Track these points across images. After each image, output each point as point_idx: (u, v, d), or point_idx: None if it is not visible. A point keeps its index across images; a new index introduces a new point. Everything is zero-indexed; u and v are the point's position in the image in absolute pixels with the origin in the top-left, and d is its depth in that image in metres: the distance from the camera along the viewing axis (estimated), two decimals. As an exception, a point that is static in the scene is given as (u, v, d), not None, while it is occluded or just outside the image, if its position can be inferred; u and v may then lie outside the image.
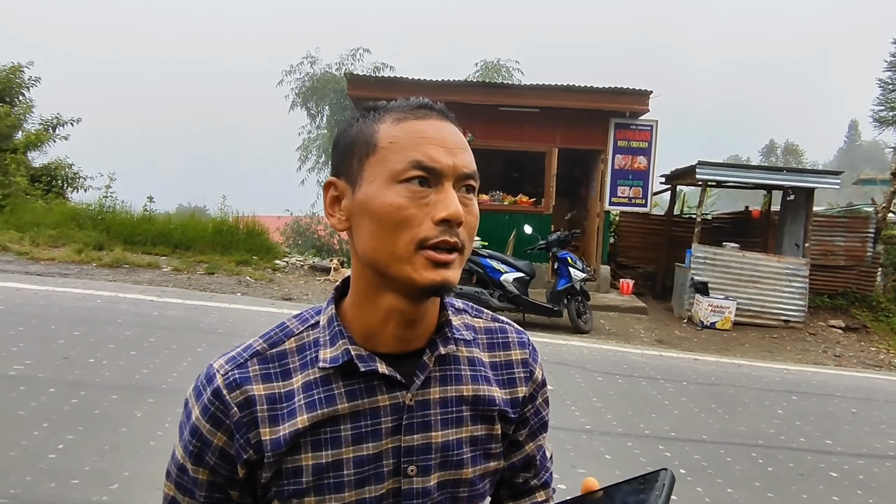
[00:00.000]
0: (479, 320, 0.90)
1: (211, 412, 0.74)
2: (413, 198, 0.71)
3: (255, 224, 10.50)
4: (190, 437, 0.75)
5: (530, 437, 0.90)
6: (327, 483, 0.74)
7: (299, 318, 0.82)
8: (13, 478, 2.89)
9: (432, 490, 0.78)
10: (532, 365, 0.89)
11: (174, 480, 0.77)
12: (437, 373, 0.80)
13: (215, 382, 0.75)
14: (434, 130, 0.73)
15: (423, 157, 0.71)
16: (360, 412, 0.75)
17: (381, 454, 0.76)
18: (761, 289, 9.02)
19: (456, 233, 0.71)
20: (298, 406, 0.74)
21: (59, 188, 11.79)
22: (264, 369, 0.76)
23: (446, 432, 0.79)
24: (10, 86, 11.55)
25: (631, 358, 6.33)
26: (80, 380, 4.07)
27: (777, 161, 49.90)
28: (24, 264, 7.63)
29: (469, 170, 0.74)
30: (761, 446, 4.22)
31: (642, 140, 9.72)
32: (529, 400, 0.88)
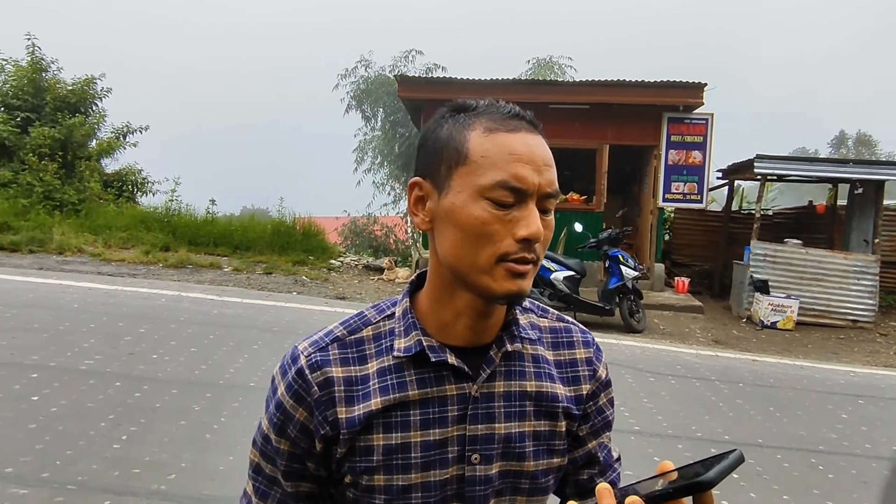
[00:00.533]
0: (545, 320, 0.93)
1: (294, 389, 0.80)
2: (498, 215, 0.74)
3: (312, 225, 10.79)
4: (275, 411, 0.82)
5: (593, 435, 0.92)
6: (396, 463, 0.79)
7: (377, 308, 0.87)
8: (81, 466, 3.09)
9: (494, 478, 0.82)
10: (595, 364, 0.92)
11: (259, 448, 0.85)
12: (502, 368, 0.84)
13: (299, 363, 0.81)
14: (524, 147, 0.75)
15: (511, 178, 0.73)
16: (429, 399, 0.80)
17: (447, 441, 0.80)
18: (826, 287, 8.59)
19: (533, 248, 0.75)
20: (373, 389, 0.80)
21: (130, 192, 12.46)
22: (343, 354, 0.82)
23: (509, 425, 0.83)
24: (85, 97, 12.27)
25: (685, 358, 6.17)
26: (143, 375, 4.30)
27: (848, 153, 47.32)
28: (97, 265, 8.12)
29: (552, 189, 0.76)
30: (822, 452, 4.04)
31: (697, 134, 9.42)
32: (592, 397, 0.91)
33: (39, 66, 11.88)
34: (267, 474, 0.84)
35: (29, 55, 11.85)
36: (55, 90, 11.78)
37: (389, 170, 17.79)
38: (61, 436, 3.39)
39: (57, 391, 3.94)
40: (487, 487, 0.82)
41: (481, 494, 0.82)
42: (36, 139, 10.76)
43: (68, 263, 8.03)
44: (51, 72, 12.13)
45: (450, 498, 0.81)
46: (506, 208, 0.74)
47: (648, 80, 9.18)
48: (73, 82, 12.22)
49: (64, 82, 12.14)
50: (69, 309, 5.73)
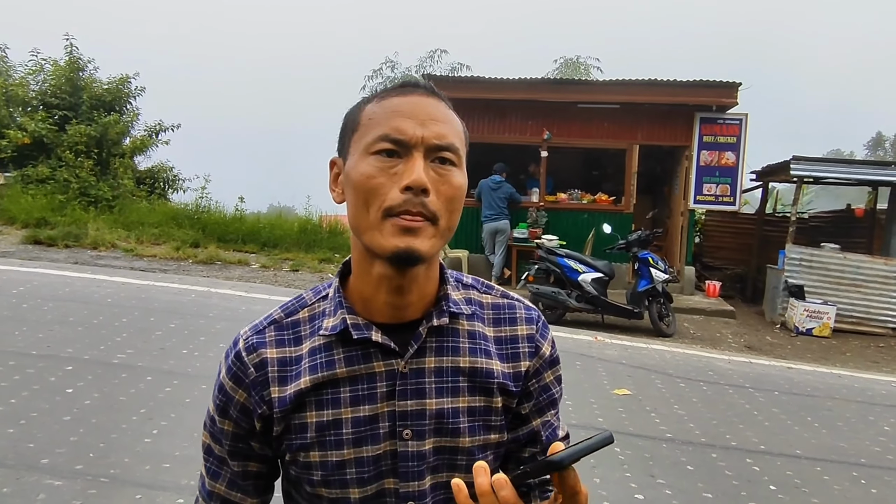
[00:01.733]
0: (488, 296, 0.92)
1: (234, 372, 0.83)
2: (382, 168, 0.75)
3: (338, 223, 10.84)
4: (217, 393, 0.85)
5: (537, 413, 0.92)
6: (328, 440, 0.81)
7: (314, 290, 0.89)
8: (113, 458, 3.12)
9: (427, 454, 0.83)
10: (539, 341, 0.91)
11: (208, 430, 0.88)
12: (433, 343, 0.84)
13: (238, 346, 0.84)
14: (408, 104, 0.78)
15: (390, 130, 0.76)
16: (357, 376, 0.82)
17: (377, 416, 0.81)
18: (865, 293, 8.33)
19: (422, 201, 0.74)
20: (304, 368, 0.82)
21: (162, 189, 12.68)
22: (279, 335, 0.84)
23: (441, 400, 0.83)
24: (119, 95, 12.51)
25: (717, 364, 6.02)
26: (173, 369, 4.34)
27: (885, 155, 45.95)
28: (129, 260, 8.26)
29: (442, 141, 0.77)
30: (864, 465, 3.89)
31: (730, 135, 9.21)
32: (534, 375, 0.90)
33: (77, 66, 12.14)
34: (216, 455, 0.87)
35: (67, 54, 12.12)
36: (91, 89, 12.03)
37: (416, 169, 17.85)
38: (94, 428, 3.43)
39: (91, 384, 4.00)
40: (422, 463, 0.83)
41: (415, 470, 0.83)
42: (72, 137, 11.00)
43: (102, 258, 8.19)
44: (87, 71, 12.39)
45: (385, 473, 0.82)
46: (389, 158, 0.75)
47: (680, 80, 9.01)
48: (108, 81, 12.47)
49: (100, 81, 12.39)
50: (103, 303, 5.83)
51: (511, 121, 9.52)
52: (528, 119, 9.43)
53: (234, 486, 0.87)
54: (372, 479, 0.82)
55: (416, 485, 0.83)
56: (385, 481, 0.83)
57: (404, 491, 0.83)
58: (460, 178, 0.79)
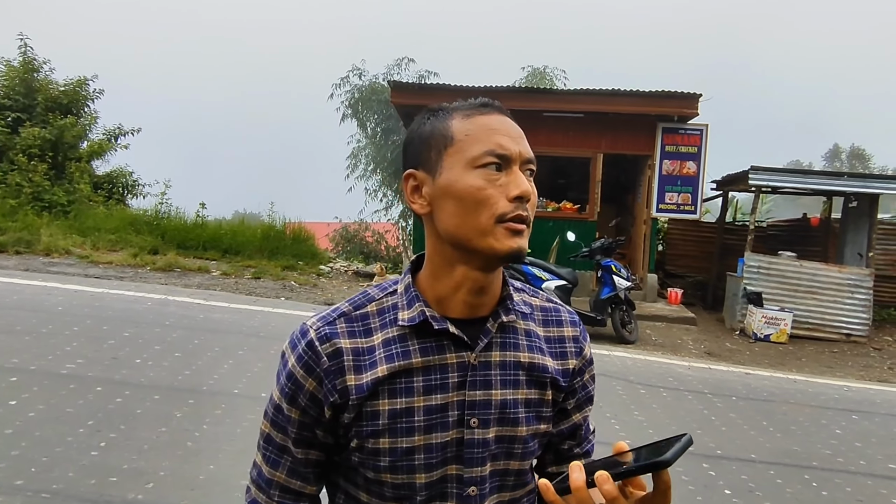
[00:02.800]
0: (536, 299, 1.01)
1: (305, 360, 0.86)
2: (489, 180, 0.83)
3: (302, 230, 10.70)
4: (286, 381, 0.88)
5: (577, 409, 1.00)
6: (400, 426, 0.86)
7: (379, 287, 0.95)
8: (57, 473, 2.99)
9: (490, 442, 0.89)
10: (582, 342, 1.00)
11: (270, 419, 0.90)
12: (498, 339, 0.91)
13: (309, 336, 0.87)
14: (499, 123, 0.86)
15: (495, 146, 0.83)
16: (431, 367, 0.87)
17: (448, 405, 0.87)
18: (821, 300, 8.57)
19: (525, 207, 0.84)
20: (379, 358, 0.86)
21: (120, 195, 12.35)
22: (350, 327, 0.89)
23: (504, 392, 0.89)
24: (77, 98, 12.18)
25: (677, 370, 6.11)
26: (126, 379, 4.20)
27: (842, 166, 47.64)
28: (84, 267, 8.00)
29: (530, 155, 0.87)
30: (816, 468, 3.98)
31: (691, 145, 9.42)
32: (578, 373, 0.99)
33: (31, 67, 11.79)
34: (277, 443, 0.90)
35: (21, 55, 11.76)
36: (47, 91, 11.69)
37: (381, 177, 17.74)
38: (38, 442, 3.29)
39: (36, 395, 3.84)
40: (484, 450, 0.88)
41: (479, 457, 0.88)
42: (26, 139, 10.66)
43: (55, 265, 7.92)
44: (43, 72, 12.04)
45: (450, 460, 0.88)
46: (496, 172, 0.83)
47: (643, 90, 9.18)
48: (65, 83, 12.14)
49: (56, 83, 12.06)
50: (53, 311, 5.62)
51: (477, 129, 9.55)
52: (494, 127, 9.47)
53: (294, 473, 0.90)
54: (438, 464, 0.87)
55: (479, 470, 0.89)
56: (449, 467, 0.88)
57: (468, 476, 0.88)
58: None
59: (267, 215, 11.11)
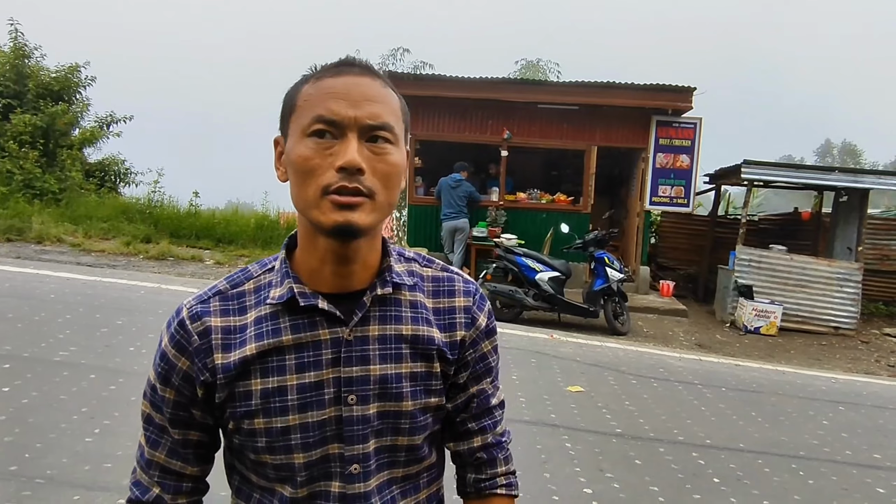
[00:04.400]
0: (428, 269, 0.96)
1: (176, 340, 0.85)
2: (317, 149, 0.78)
3: (296, 219, 10.67)
4: (159, 361, 0.86)
5: (474, 381, 0.97)
6: (273, 406, 0.83)
7: (260, 263, 0.92)
8: (51, 459, 3.00)
9: (371, 418, 0.86)
10: (476, 312, 0.95)
11: (149, 399, 0.89)
12: (377, 312, 0.88)
13: (181, 315, 0.86)
14: (342, 85, 0.80)
15: (324, 112, 0.78)
16: (303, 344, 0.84)
17: (323, 383, 0.84)
18: (810, 294, 8.66)
19: (357, 179, 0.77)
20: (249, 337, 0.84)
21: (112, 183, 12.26)
22: (224, 305, 0.87)
23: (384, 366, 0.86)
24: (69, 85, 12.05)
25: (668, 361, 6.17)
26: (119, 367, 4.21)
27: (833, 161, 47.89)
28: (76, 255, 7.97)
29: (376, 121, 0.79)
30: (803, 458, 4.04)
31: (685, 138, 9.45)
32: (471, 345, 0.95)
33: (22, 53, 11.65)
34: (157, 423, 0.88)
35: (11, 41, 11.62)
36: (38, 77, 11.56)
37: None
38: (31, 428, 3.29)
39: (29, 382, 3.84)
40: (366, 427, 0.86)
41: (359, 434, 0.86)
42: (17, 126, 10.55)
43: (47, 253, 7.88)
44: (34, 59, 11.90)
45: (329, 439, 0.85)
46: (324, 139, 0.78)
47: (637, 83, 9.19)
48: (56, 70, 12.00)
49: (47, 69, 11.92)
50: (45, 299, 5.60)
51: (472, 120, 9.55)
52: (488, 118, 9.48)
53: (174, 454, 0.89)
54: (316, 443, 0.85)
55: (361, 448, 0.86)
56: (330, 446, 0.86)
57: (349, 454, 0.86)
58: (396, 156, 0.82)
59: (261, 205, 11.08)
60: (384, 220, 0.85)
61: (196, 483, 0.92)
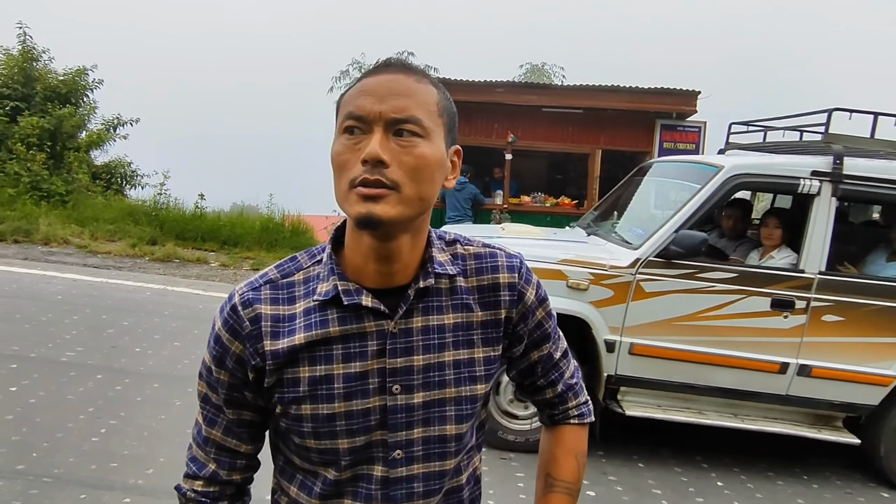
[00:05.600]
0: (470, 247, 0.97)
1: (230, 324, 0.88)
2: (348, 144, 0.81)
3: (301, 222, 10.71)
4: (214, 344, 0.90)
5: (533, 347, 1.02)
6: (320, 393, 0.87)
7: (308, 254, 0.95)
8: (57, 458, 3.04)
9: (416, 407, 0.89)
10: (522, 287, 0.96)
11: (205, 380, 0.93)
12: (420, 304, 0.90)
13: (234, 300, 0.89)
14: (374, 83, 0.83)
15: (353, 108, 0.81)
16: (349, 335, 0.87)
17: (368, 373, 0.87)
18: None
19: (380, 171, 0.79)
20: (298, 327, 0.87)
21: (118, 185, 12.32)
22: (274, 294, 0.90)
23: (427, 356, 0.89)
24: (76, 88, 12.11)
25: (672, 365, 6.16)
26: (125, 368, 4.24)
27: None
28: (82, 257, 8.02)
29: (401, 115, 0.81)
30: (806, 461, 4.03)
31: (690, 142, 9.45)
32: (521, 319, 0.97)
33: (30, 56, 11.72)
34: (213, 403, 0.92)
35: (20, 44, 11.71)
36: (46, 80, 11.63)
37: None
38: (39, 427, 3.33)
39: (36, 382, 3.88)
40: (410, 415, 0.89)
41: (403, 421, 0.89)
42: (24, 129, 10.61)
43: (53, 254, 7.93)
44: (42, 61, 11.98)
45: (373, 427, 0.88)
46: (353, 135, 0.81)
47: (642, 87, 9.20)
48: (64, 73, 12.07)
49: (55, 72, 11.99)
50: (52, 300, 5.65)
51: (476, 123, 9.58)
52: (493, 122, 9.50)
53: (229, 432, 0.93)
54: (360, 431, 0.88)
55: (404, 434, 0.89)
56: (374, 434, 0.89)
57: (393, 440, 0.89)
58: (425, 149, 0.82)
59: (266, 207, 11.11)
60: (417, 215, 0.85)
61: (249, 460, 0.97)
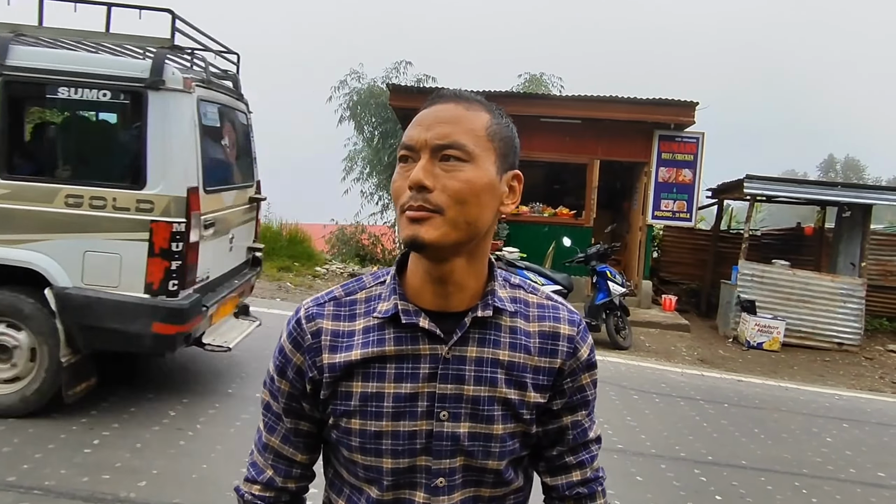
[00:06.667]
0: (534, 296, 0.98)
1: (294, 336, 0.93)
2: (401, 172, 0.86)
3: (298, 231, 10.70)
4: (278, 355, 0.95)
5: (569, 411, 0.98)
6: (370, 410, 0.89)
7: (374, 276, 0.98)
8: (49, 470, 3.00)
9: (461, 437, 0.89)
10: (579, 343, 0.96)
11: (268, 388, 0.97)
12: (476, 334, 0.90)
13: (299, 314, 0.94)
14: (426, 113, 0.87)
15: (406, 139, 0.86)
16: (404, 356, 0.89)
17: (417, 395, 0.88)
18: (813, 309, 8.62)
19: (423, 197, 0.82)
20: (357, 343, 0.90)
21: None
22: (336, 311, 0.93)
23: (478, 388, 0.89)
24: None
25: (670, 377, 6.14)
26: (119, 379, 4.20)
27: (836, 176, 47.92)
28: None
29: (444, 140, 0.84)
30: (806, 475, 4.01)
31: (688, 153, 9.46)
32: (570, 374, 0.96)
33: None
34: (274, 411, 0.97)
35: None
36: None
37: (378, 179, 17.74)
38: (31, 438, 3.30)
39: (29, 393, 3.83)
40: (454, 444, 0.89)
41: (447, 449, 0.89)
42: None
43: (50, 262, 7.89)
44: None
45: (418, 451, 0.89)
46: (406, 164, 0.86)
47: (640, 97, 9.23)
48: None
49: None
50: (47, 309, 5.60)
51: (475, 133, 9.58)
52: (491, 132, 9.50)
53: (287, 441, 0.97)
54: (405, 453, 0.89)
55: (448, 462, 0.90)
56: (419, 458, 0.89)
57: (436, 468, 0.90)
58: (469, 173, 0.84)
59: (263, 216, 11.11)
60: (467, 238, 0.86)
61: (304, 470, 0.99)
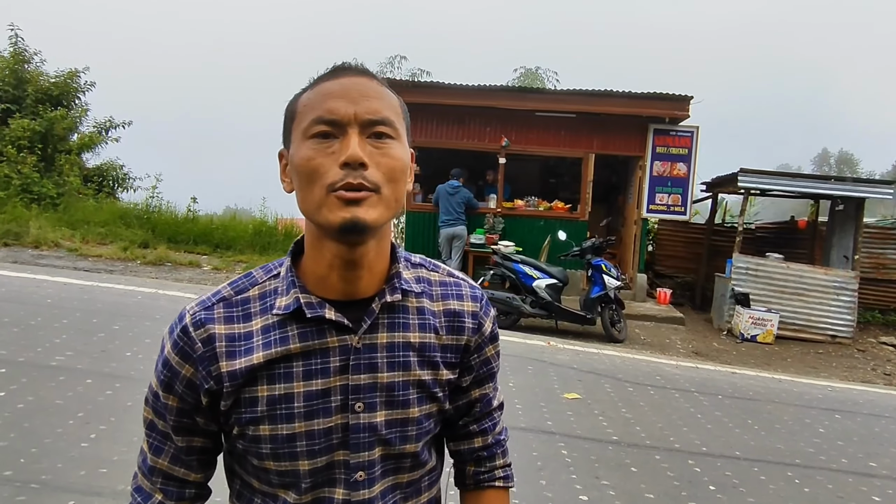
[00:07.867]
0: (435, 274, 0.96)
1: (180, 347, 0.84)
2: (320, 149, 0.78)
3: (294, 226, 10.68)
4: (162, 368, 0.85)
5: (476, 385, 0.99)
6: (279, 413, 0.83)
7: (264, 269, 0.91)
8: (45, 464, 2.99)
9: (379, 426, 0.86)
10: (482, 318, 0.96)
11: (151, 406, 0.88)
12: (385, 320, 0.87)
13: (184, 321, 0.85)
14: (340, 86, 0.81)
15: (323, 112, 0.79)
16: (311, 351, 0.83)
17: (330, 390, 0.84)
18: (807, 302, 8.68)
19: (361, 174, 0.77)
20: (256, 345, 0.83)
21: (110, 188, 12.26)
22: (228, 312, 0.85)
23: (392, 374, 0.86)
24: (68, 90, 12.07)
25: (665, 369, 6.17)
26: (115, 372, 4.20)
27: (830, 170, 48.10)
28: (73, 260, 7.96)
29: (375, 116, 0.80)
30: (798, 465, 4.04)
31: (682, 147, 9.49)
32: (476, 350, 0.96)
33: (22, 58, 11.67)
34: (160, 430, 0.88)
35: (11, 46, 11.64)
36: (37, 82, 11.58)
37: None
38: (27, 433, 3.29)
39: (25, 387, 3.83)
40: (372, 435, 0.86)
41: (365, 441, 0.86)
42: (15, 131, 10.55)
43: (44, 258, 7.87)
44: (34, 64, 11.92)
45: (335, 446, 0.85)
46: (326, 140, 0.78)
47: (635, 91, 9.24)
48: (55, 75, 12.02)
49: (46, 75, 11.94)
50: (42, 304, 5.59)
51: (470, 127, 9.59)
52: (486, 126, 9.52)
53: (177, 461, 0.88)
54: (322, 451, 0.84)
55: (366, 455, 0.86)
56: (336, 454, 0.85)
57: (355, 462, 0.86)
58: (399, 151, 0.82)
59: (258, 211, 11.09)
60: (391, 218, 0.83)
61: (199, 489, 0.92)
